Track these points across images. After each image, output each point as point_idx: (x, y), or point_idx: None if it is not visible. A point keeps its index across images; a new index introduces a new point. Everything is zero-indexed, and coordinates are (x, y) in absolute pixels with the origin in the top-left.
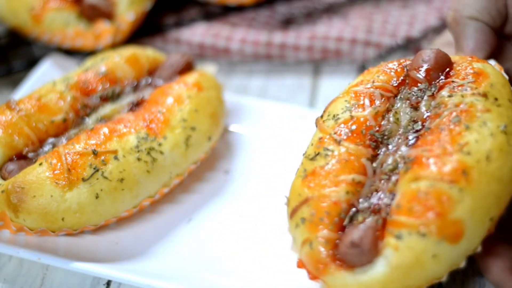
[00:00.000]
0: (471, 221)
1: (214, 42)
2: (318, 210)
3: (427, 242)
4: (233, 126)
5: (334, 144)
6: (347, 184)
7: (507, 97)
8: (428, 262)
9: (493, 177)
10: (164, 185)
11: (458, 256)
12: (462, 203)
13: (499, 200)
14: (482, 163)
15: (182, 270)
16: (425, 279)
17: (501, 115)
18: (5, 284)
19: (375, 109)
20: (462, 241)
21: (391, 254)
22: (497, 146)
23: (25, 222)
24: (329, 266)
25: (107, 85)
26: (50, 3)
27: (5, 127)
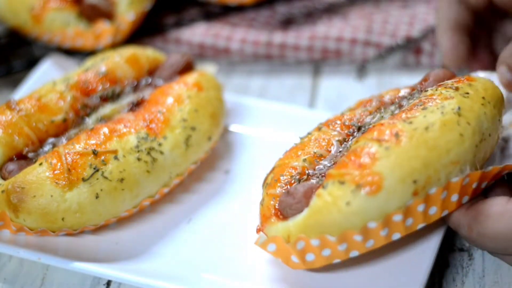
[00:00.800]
0: (391, 177)
1: (214, 42)
2: (276, 174)
3: (344, 189)
4: (233, 126)
5: (315, 131)
6: (308, 155)
7: (481, 95)
8: (342, 208)
9: (424, 143)
10: (164, 185)
11: (373, 210)
12: (385, 159)
13: (426, 166)
14: (418, 130)
15: (182, 270)
16: (338, 226)
17: (463, 102)
18: (5, 284)
19: (366, 109)
20: (379, 195)
21: (315, 201)
22: (442, 121)
23: (25, 222)
24: (271, 218)
25: (107, 85)
26: (50, 3)
27: (5, 127)
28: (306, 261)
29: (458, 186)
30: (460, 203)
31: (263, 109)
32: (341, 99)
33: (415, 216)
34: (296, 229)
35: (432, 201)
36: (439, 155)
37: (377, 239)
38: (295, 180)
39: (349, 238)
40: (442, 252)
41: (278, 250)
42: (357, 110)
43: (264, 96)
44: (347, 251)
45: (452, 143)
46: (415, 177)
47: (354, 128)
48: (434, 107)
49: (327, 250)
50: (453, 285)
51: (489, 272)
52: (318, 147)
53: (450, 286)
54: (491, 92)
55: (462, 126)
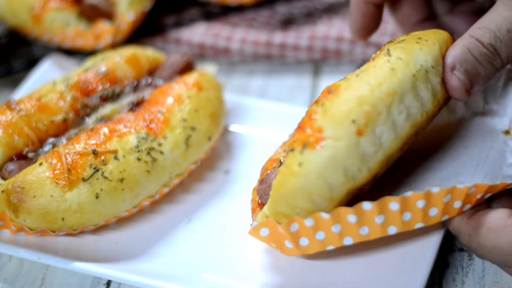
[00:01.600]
0: (329, 125)
1: (214, 42)
2: (264, 170)
3: (294, 155)
4: (233, 126)
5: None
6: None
7: (418, 36)
8: (296, 171)
9: (353, 86)
10: (164, 185)
11: (326, 162)
12: (321, 114)
13: (359, 104)
14: (349, 80)
15: (182, 270)
16: (302, 190)
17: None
18: (5, 284)
19: None
20: (325, 145)
21: (275, 177)
22: (372, 64)
23: (25, 222)
24: (256, 210)
25: (107, 85)
26: (50, 3)
27: (5, 127)
28: (300, 246)
29: (463, 193)
30: (461, 211)
31: (263, 109)
32: None
33: (413, 212)
34: (268, 210)
35: (433, 201)
36: (370, 90)
37: (372, 227)
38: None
39: (343, 218)
40: (442, 252)
41: (271, 235)
42: None
43: (264, 96)
44: (341, 235)
45: (383, 78)
46: (352, 117)
47: None
48: (369, 64)
49: (321, 233)
50: (453, 285)
51: (489, 272)
52: None
53: (450, 286)
54: (430, 33)
55: (392, 62)
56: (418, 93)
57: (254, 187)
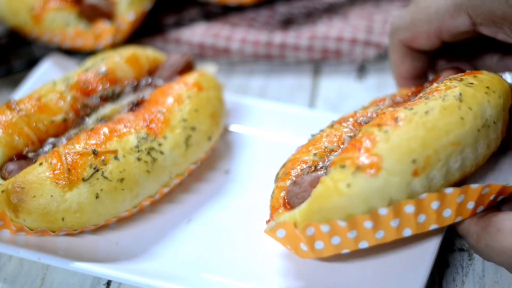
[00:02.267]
0: (390, 157)
1: (214, 42)
2: (287, 168)
3: (345, 172)
4: (233, 126)
5: (328, 128)
6: (319, 150)
7: (486, 85)
8: (343, 191)
9: (423, 125)
10: (164, 185)
11: (375, 191)
12: (384, 142)
13: (424, 146)
14: (418, 114)
15: (182, 270)
16: (342, 210)
17: (465, 90)
18: (5, 284)
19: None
20: (379, 175)
21: (317, 187)
22: (443, 105)
23: (25, 222)
24: (279, 209)
25: (107, 85)
26: (50, 3)
27: (5, 127)
28: (315, 249)
29: (476, 193)
30: (474, 212)
31: (263, 109)
32: (341, 99)
33: (428, 213)
34: (301, 216)
35: (447, 201)
36: (438, 136)
37: (387, 231)
38: (304, 172)
39: (359, 224)
40: (442, 252)
41: (287, 237)
42: (370, 109)
43: (264, 96)
44: (356, 240)
45: (452, 125)
46: (413, 157)
47: (363, 123)
48: (437, 96)
49: (336, 237)
50: (453, 285)
51: (489, 272)
52: (329, 142)
53: (450, 286)
54: (497, 83)
55: (463, 110)
56: (477, 147)
57: (277, 184)
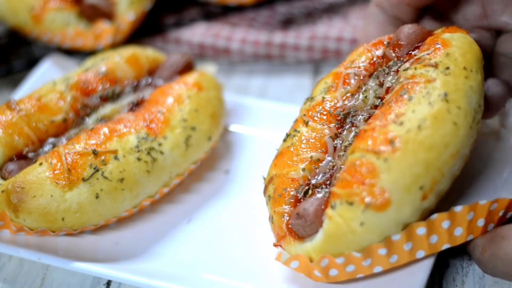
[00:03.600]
0: (396, 190)
1: (214, 42)
2: (278, 187)
3: (354, 210)
4: (233, 126)
5: (302, 125)
6: (306, 162)
7: (462, 65)
8: (357, 230)
9: (421, 145)
10: (164, 185)
11: (388, 224)
12: (386, 173)
13: (429, 169)
14: (411, 132)
15: (182, 270)
16: (358, 245)
17: (447, 83)
18: (5, 284)
19: (346, 90)
20: (390, 209)
21: (327, 223)
22: (433, 114)
23: (25, 222)
24: (286, 238)
25: (107, 85)
26: (50, 3)
27: (5, 127)
28: (329, 276)
29: (485, 209)
30: (485, 230)
31: (263, 109)
32: None
33: (439, 233)
34: (315, 252)
35: (458, 220)
36: (438, 154)
37: (401, 254)
38: (299, 194)
39: (374, 252)
40: (442, 252)
41: (301, 267)
42: (337, 93)
43: (264, 96)
44: (371, 266)
45: (448, 136)
46: (420, 183)
47: (340, 118)
48: (419, 96)
49: (351, 266)
50: (453, 285)
51: None
52: (312, 149)
53: (450, 286)
54: (470, 56)
55: (453, 114)
56: (471, 141)
57: (274, 209)
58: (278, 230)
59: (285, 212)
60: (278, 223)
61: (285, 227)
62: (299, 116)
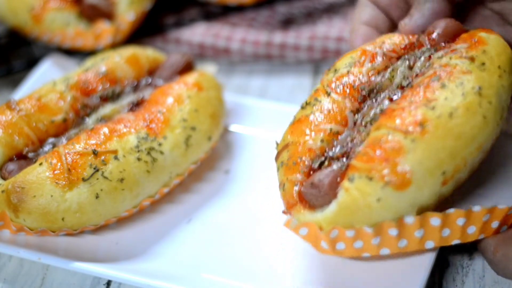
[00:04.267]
0: (419, 171)
1: (214, 42)
2: (293, 155)
3: (373, 186)
4: (233, 126)
5: (324, 95)
6: (325, 133)
7: (497, 64)
8: (373, 205)
9: (450, 133)
10: (164, 185)
11: (405, 204)
12: (412, 153)
13: (454, 156)
14: (442, 118)
15: (182, 270)
16: (370, 221)
17: (481, 78)
18: (5, 284)
19: (373, 66)
20: (409, 189)
21: (343, 195)
22: (465, 105)
23: (25, 222)
24: (296, 205)
25: (107, 85)
26: (50, 3)
27: (5, 127)
28: (336, 249)
29: (503, 213)
30: (498, 231)
31: (263, 109)
32: None
33: (453, 228)
34: (326, 222)
35: (473, 219)
36: (465, 144)
37: (411, 240)
38: (314, 164)
39: (385, 231)
40: (442, 252)
41: (309, 235)
42: (363, 68)
43: (264, 96)
44: (379, 246)
45: (477, 129)
46: (443, 169)
47: (364, 93)
48: (453, 85)
49: (359, 242)
50: (453, 285)
51: (489, 272)
52: (332, 121)
53: (450, 286)
54: (504, 57)
55: (484, 108)
56: (495, 137)
57: (287, 176)
58: (288, 198)
59: (298, 180)
60: (289, 191)
61: (296, 195)
62: (320, 86)
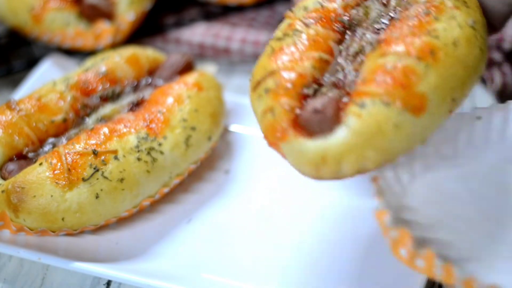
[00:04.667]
0: (434, 96)
1: (214, 42)
2: (283, 80)
3: (390, 111)
4: (233, 126)
5: (303, 27)
6: (314, 60)
7: (474, 4)
8: (389, 131)
9: (459, 61)
10: (164, 185)
11: (419, 130)
12: (427, 78)
13: (462, 84)
14: (449, 47)
15: (182, 270)
16: (383, 149)
17: (470, 14)
18: (5, 284)
19: (345, 1)
20: (425, 115)
21: (354, 121)
22: (464, 36)
23: (25, 222)
24: (288, 133)
25: (107, 85)
26: (50, 3)
27: (5, 127)
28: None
29: None
30: None
31: None
32: None
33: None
34: (336, 151)
35: None
36: (470, 74)
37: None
38: (309, 90)
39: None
40: None
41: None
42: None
43: None
44: None
45: (478, 60)
46: (454, 96)
47: (344, 24)
48: (445, 18)
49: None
50: None
51: None
52: (319, 50)
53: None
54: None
55: (479, 40)
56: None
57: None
58: (278, 124)
59: (293, 105)
60: (281, 116)
61: (287, 122)
62: (293, 21)
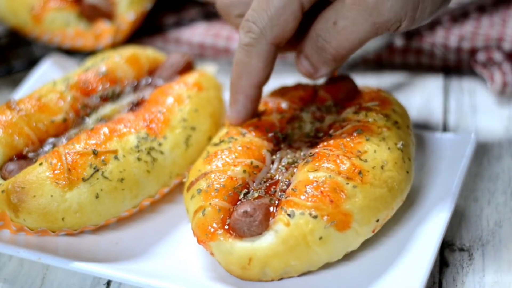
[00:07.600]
0: (359, 216)
1: (214, 42)
2: (215, 182)
3: (317, 223)
4: None
5: (239, 135)
6: (246, 165)
7: (405, 124)
8: (314, 242)
9: (385, 184)
10: (164, 185)
11: (342, 245)
12: (354, 198)
13: (387, 207)
14: (377, 169)
15: (182, 270)
16: (306, 259)
17: (399, 136)
18: (5, 284)
19: (281, 114)
20: (347, 232)
21: (282, 228)
22: (393, 159)
23: (25, 222)
24: (217, 232)
25: (107, 85)
26: (50, 3)
27: (5, 127)
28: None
29: None
30: None
31: None
32: None
33: None
34: (262, 254)
35: None
36: (395, 195)
37: None
38: (237, 192)
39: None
40: (442, 252)
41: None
42: (272, 116)
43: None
44: None
45: (404, 183)
46: (378, 217)
47: (278, 137)
48: (377, 139)
49: None
50: (453, 285)
51: (489, 272)
52: (252, 157)
53: (450, 286)
54: (407, 118)
55: (406, 164)
56: None
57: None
58: (209, 224)
59: (223, 206)
60: (212, 216)
61: (218, 222)
62: (230, 129)
